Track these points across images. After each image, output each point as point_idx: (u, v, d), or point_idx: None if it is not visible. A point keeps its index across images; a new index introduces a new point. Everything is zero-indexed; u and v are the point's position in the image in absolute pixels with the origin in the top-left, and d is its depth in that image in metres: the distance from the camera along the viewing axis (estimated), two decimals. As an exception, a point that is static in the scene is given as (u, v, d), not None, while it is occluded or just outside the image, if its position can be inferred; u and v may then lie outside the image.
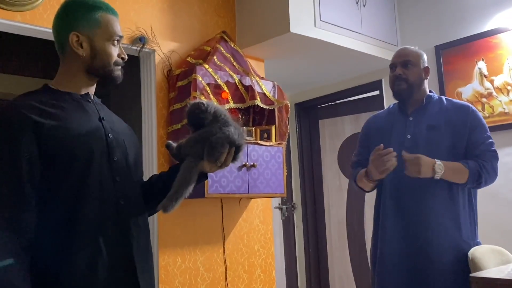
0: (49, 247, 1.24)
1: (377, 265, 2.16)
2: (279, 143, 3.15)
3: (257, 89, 3.06)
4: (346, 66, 3.88)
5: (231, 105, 2.96)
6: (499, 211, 3.18)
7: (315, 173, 4.66)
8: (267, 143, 3.08)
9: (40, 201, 1.25)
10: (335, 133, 4.54)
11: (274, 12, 3.17)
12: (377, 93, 4.06)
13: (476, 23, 3.44)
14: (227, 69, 3.03)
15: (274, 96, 3.15)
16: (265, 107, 3.09)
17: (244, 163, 2.92)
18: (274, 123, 3.15)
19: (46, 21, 2.59)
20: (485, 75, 3.34)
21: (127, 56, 1.46)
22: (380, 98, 3.99)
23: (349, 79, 4.24)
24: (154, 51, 3.04)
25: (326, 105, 4.65)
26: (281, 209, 4.66)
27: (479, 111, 2.23)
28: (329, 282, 4.48)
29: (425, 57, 2.25)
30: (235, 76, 3.02)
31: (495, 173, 2.08)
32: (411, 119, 2.19)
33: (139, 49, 2.95)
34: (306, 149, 4.70)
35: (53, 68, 1.49)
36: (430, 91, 2.25)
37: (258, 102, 3.01)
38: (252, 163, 2.96)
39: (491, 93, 3.32)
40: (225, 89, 2.95)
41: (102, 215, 1.31)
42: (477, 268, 1.95)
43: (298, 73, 4.07)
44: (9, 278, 1.16)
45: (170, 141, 1.51)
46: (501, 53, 3.28)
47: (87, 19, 1.38)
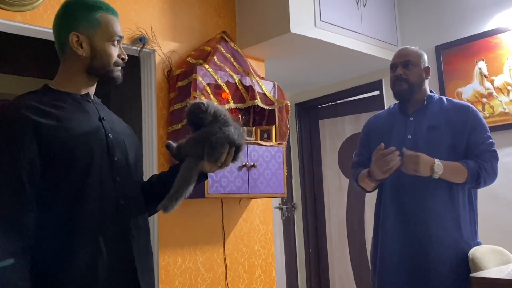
0: (50, 247, 1.24)
1: (378, 265, 2.17)
2: (279, 143, 3.15)
3: (257, 89, 3.06)
4: (346, 66, 3.88)
5: (231, 105, 2.96)
6: (500, 211, 3.18)
7: (315, 173, 4.66)
8: (267, 143, 3.08)
9: (40, 201, 1.25)
10: (335, 133, 4.54)
11: (274, 12, 3.17)
12: (377, 93, 4.06)
13: (476, 23, 3.44)
14: (227, 69, 3.03)
15: (274, 96, 3.15)
16: (265, 107, 3.09)
17: (244, 163, 2.92)
18: (274, 123, 3.15)
19: (46, 21, 2.59)
20: (485, 75, 3.34)
21: (127, 56, 1.46)
22: (380, 98, 3.99)
23: (349, 79, 4.24)
24: (154, 51, 3.04)
25: (326, 105, 4.65)
26: (281, 209, 4.66)
27: (479, 111, 2.22)
28: (329, 282, 4.48)
29: (426, 57, 2.25)
30: (235, 76, 3.02)
31: (495, 173, 2.08)
32: (411, 119, 2.19)
33: (139, 49, 2.95)
34: (306, 149, 4.70)
35: (53, 68, 1.49)
36: (430, 91, 2.25)
37: (258, 102, 3.01)
38: (252, 163, 2.96)
39: (491, 93, 3.31)
40: (225, 89, 2.95)
41: (102, 215, 1.31)
42: (477, 268, 1.95)
43: (298, 73, 4.07)
44: (10, 278, 1.16)
45: (170, 141, 1.51)
46: (501, 53, 3.28)
47: (87, 19, 1.38)
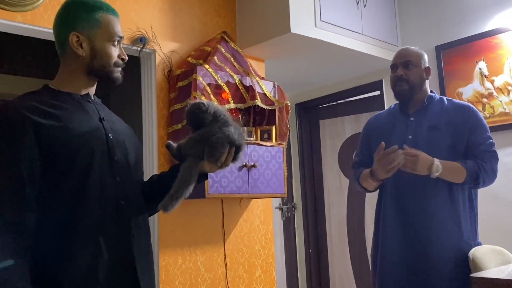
0: (50, 247, 1.24)
1: (378, 265, 2.17)
2: (279, 144, 3.15)
3: (257, 89, 3.05)
4: (346, 66, 3.88)
5: (232, 105, 2.96)
6: (500, 211, 3.18)
7: (315, 173, 4.66)
8: (268, 144, 3.08)
9: (40, 201, 1.25)
10: (335, 133, 4.54)
11: (274, 12, 3.17)
12: (377, 93, 4.06)
13: (476, 23, 3.44)
14: (228, 70, 3.03)
15: (274, 96, 3.15)
16: (265, 107, 3.09)
17: (244, 164, 2.92)
18: (274, 124, 3.15)
19: (46, 21, 2.59)
20: (485, 75, 3.34)
21: (127, 56, 1.46)
22: (380, 98, 3.99)
23: (350, 79, 4.23)
24: (154, 51, 3.04)
25: (326, 105, 4.65)
26: (281, 209, 4.66)
27: (479, 112, 2.22)
28: (329, 282, 4.48)
29: (426, 57, 2.25)
30: (235, 76, 3.02)
31: (494, 174, 2.08)
32: (412, 119, 2.19)
33: (139, 49, 2.95)
34: (306, 149, 4.70)
35: (54, 68, 1.49)
36: (431, 91, 2.25)
37: (258, 102, 3.01)
38: (252, 164, 2.96)
39: (492, 93, 3.31)
40: (226, 89, 2.95)
41: (102, 215, 1.31)
42: (478, 268, 1.95)
43: (298, 73, 4.07)
44: (10, 278, 1.16)
45: (170, 141, 1.51)
46: (502, 53, 3.28)
47: (87, 19, 1.38)
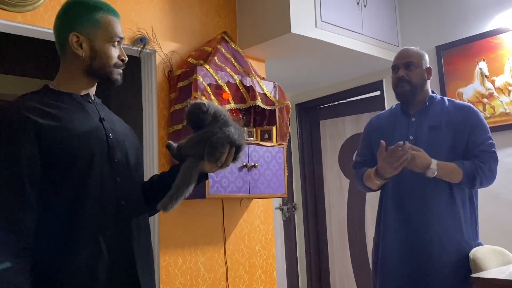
0: (50, 247, 1.24)
1: (379, 266, 2.17)
2: (280, 144, 3.15)
3: (258, 89, 3.05)
4: (347, 66, 3.87)
5: (232, 105, 2.96)
6: (500, 211, 3.18)
7: (316, 174, 4.66)
8: (268, 144, 3.08)
9: (40, 201, 1.25)
10: (336, 133, 4.54)
11: (274, 12, 3.17)
12: (378, 93, 4.05)
13: (477, 24, 3.44)
14: (228, 70, 3.03)
15: (275, 96, 3.15)
16: (266, 107, 3.09)
17: (245, 164, 2.92)
18: (275, 124, 3.15)
19: (47, 21, 2.59)
20: (486, 76, 3.34)
21: (127, 57, 1.46)
22: (381, 98, 3.98)
23: (350, 80, 4.23)
24: (155, 51, 3.04)
25: (327, 105, 4.65)
26: (282, 209, 4.66)
27: (480, 112, 2.22)
28: (330, 282, 4.48)
29: (427, 57, 2.24)
30: (236, 76, 3.02)
31: (493, 174, 2.07)
32: (413, 120, 2.19)
33: (140, 49, 2.95)
34: (307, 150, 4.70)
35: (54, 68, 1.49)
36: (432, 92, 2.25)
37: (259, 102, 3.01)
38: (253, 164, 2.96)
39: (492, 93, 3.31)
40: (226, 89, 2.95)
41: (102, 215, 1.31)
42: (478, 268, 1.95)
43: (299, 74, 4.07)
44: (10, 279, 1.16)
45: (170, 142, 1.51)
46: (502, 53, 3.28)
47: (87, 19, 1.37)
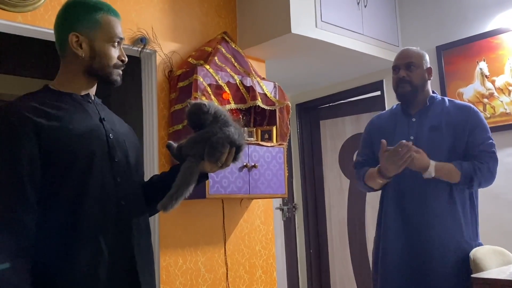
0: (50, 247, 1.24)
1: (379, 265, 2.17)
2: (280, 144, 3.14)
3: (258, 89, 3.05)
4: (347, 66, 3.87)
5: (232, 105, 2.96)
6: (501, 211, 3.18)
7: (316, 174, 4.65)
8: (268, 144, 3.08)
9: (41, 202, 1.25)
10: (336, 133, 4.54)
11: (275, 12, 3.17)
12: (378, 93, 4.05)
13: (477, 24, 3.44)
14: (228, 70, 3.03)
15: (275, 96, 3.15)
16: (266, 107, 3.09)
17: (245, 164, 2.92)
18: (275, 124, 3.15)
19: (47, 22, 2.59)
20: (486, 76, 3.34)
21: (127, 58, 1.46)
22: (381, 98, 3.98)
23: (350, 80, 4.23)
24: (155, 51, 3.04)
25: (327, 105, 4.65)
26: (282, 209, 4.66)
27: (480, 112, 2.22)
28: (330, 282, 4.48)
29: (427, 57, 2.24)
30: (236, 76, 3.02)
31: (492, 175, 2.07)
32: (414, 120, 2.19)
33: (140, 49, 2.95)
34: (307, 150, 4.70)
35: (54, 69, 1.49)
36: (433, 92, 2.25)
37: (259, 102, 3.01)
38: (253, 164, 2.96)
39: (493, 93, 3.31)
40: (226, 89, 2.95)
41: (103, 215, 1.31)
42: (479, 269, 1.95)
43: (299, 74, 4.07)
44: (10, 279, 1.16)
45: (171, 142, 1.51)
46: (503, 53, 3.28)
47: (87, 19, 1.37)
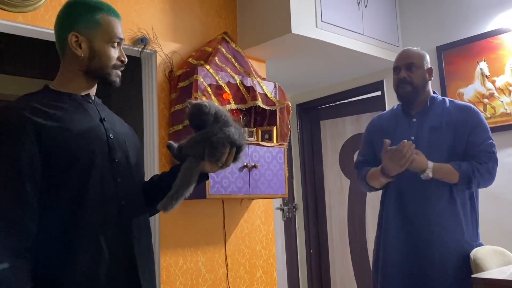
0: (51, 247, 1.24)
1: (380, 265, 2.17)
2: (280, 144, 3.14)
3: (258, 90, 3.05)
4: (347, 66, 3.87)
5: (233, 106, 2.96)
6: (501, 212, 3.17)
7: (316, 174, 4.65)
8: (269, 144, 3.08)
9: (41, 202, 1.25)
10: (336, 133, 4.53)
11: (275, 13, 3.17)
12: (378, 93, 4.05)
13: (477, 24, 3.43)
14: (228, 70, 3.03)
15: (275, 97, 3.15)
16: (266, 108, 3.09)
17: (245, 164, 2.92)
18: (275, 124, 3.15)
19: (47, 22, 2.59)
20: (486, 76, 3.34)
21: (127, 59, 1.45)
22: (381, 98, 3.98)
23: (351, 80, 4.23)
24: (155, 52, 3.04)
25: (327, 105, 4.65)
26: (282, 210, 4.65)
27: (481, 112, 2.22)
28: (330, 283, 4.48)
29: (428, 57, 2.25)
30: (236, 77, 3.02)
31: (491, 176, 2.06)
32: (414, 120, 2.19)
33: (140, 50, 2.95)
34: (307, 150, 4.70)
35: (54, 69, 1.49)
36: (433, 92, 2.25)
37: (259, 103, 3.01)
38: (253, 164, 2.96)
39: (493, 93, 3.31)
40: (227, 90, 2.95)
41: (103, 215, 1.31)
42: (479, 269, 1.95)
43: (299, 74, 4.07)
44: (10, 279, 1.16)
45: (171, 142, 1.50)
46: (503, 53, 3.28)
47: (87, 19, 1.37)
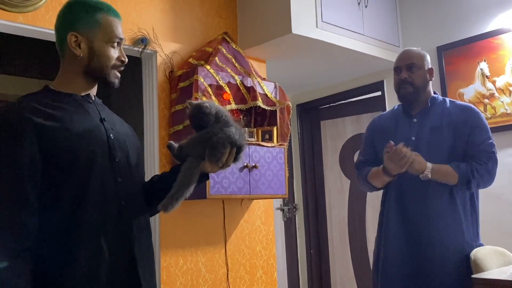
0: (51, 248, 1.24)
1: (380, 266, 2.17)
2: (280, 144, 3.14)
3: (258, 90, 3.05)
4: (347, 67, 3.87)
5: (233, 106, 2.96)
6: (502, 212, 3.17)
7: (316, 174, 4.65)
8: (269, 144, 3.08)
9: (41, 202, 1.25)
10: (336, 134, 4.53)
11: (275, 13, 3.17)
12: (378, 94, 4.05)
13: (478, 24, 3.43)
14: (229, 70, 3.03)
15: (275, 97, 3.15)
16: (266, 108, 3.09)
17: (245, 164, 2.92)
18: (275, 124, 3.15)
19: (48, 22, 2.59)
20: (487, 76, 3.34)
21: (127, 59, 1.45)
22: (381, 99, 3.98)
23: (351, 80, 4.23)
24: (156, 52, 3.04)
25: (327, 106, 4.65)
26: (282, 210, 4.65)
27: (481, 112, 2.22)
28: (330, 283, 4.48)
29: (429, 58, 2.25)
30: (236, 77, 3.02)
31: (491, 176, 2.07)
32: (415, 120, 2.19)
33: (140, 50, 2.95)
34: (307, 150, 4.70)
35: (54, 69, 1.49)
36: (434, 93, 2.25)
37: (259, 103, 3.01)
38: (253, 164, 2.96)
39: (493, 94, 3.31)
40: (227, 90, 2.95)
41: (103, 215, 1.31)
42: (479, 269, 1.95)
43: (299, 74, 4.07)
44: (10, 279, 1.16)
45: (171, 142, 1.50)
46: (503, 54, 3.28)
47: (87, 19, 1.37)
